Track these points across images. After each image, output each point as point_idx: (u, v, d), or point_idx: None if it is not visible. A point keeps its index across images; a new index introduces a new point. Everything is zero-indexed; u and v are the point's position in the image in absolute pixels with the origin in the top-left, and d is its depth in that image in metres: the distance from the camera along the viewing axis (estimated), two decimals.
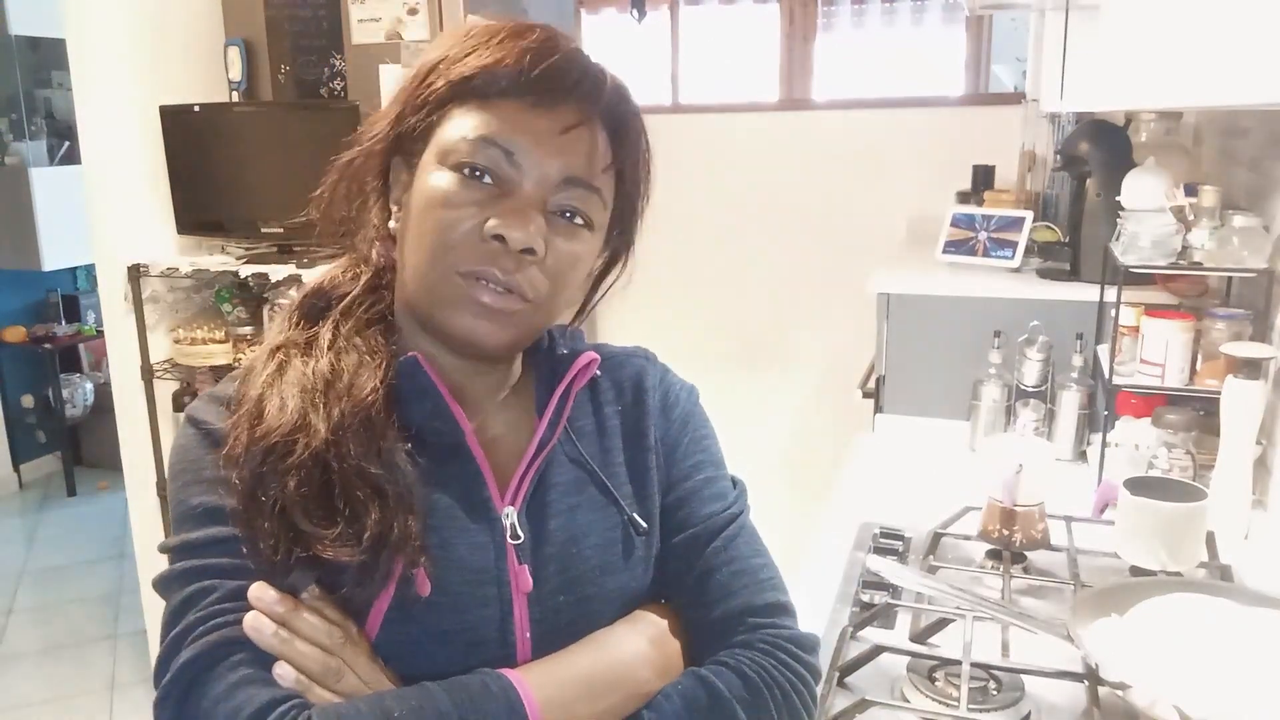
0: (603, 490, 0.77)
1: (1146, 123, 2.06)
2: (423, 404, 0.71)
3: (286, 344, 0.72)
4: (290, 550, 0.64)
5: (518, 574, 0.71)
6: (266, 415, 0.67)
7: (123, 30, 2.35)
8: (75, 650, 3.14)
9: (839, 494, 1.66)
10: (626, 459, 0.79)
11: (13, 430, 4.47)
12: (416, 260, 0.70)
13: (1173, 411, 1.55)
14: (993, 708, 1.01)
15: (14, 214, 4.21)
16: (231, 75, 2.45)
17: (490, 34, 0.71)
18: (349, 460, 0.66)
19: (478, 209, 0.68)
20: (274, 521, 0.65)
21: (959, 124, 2.92)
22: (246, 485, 0.65)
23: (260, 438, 0.66)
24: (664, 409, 0.82)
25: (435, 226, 0.69)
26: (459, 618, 0.69)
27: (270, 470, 0.65)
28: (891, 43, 3.58)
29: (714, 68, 3.65)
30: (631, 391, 0.82)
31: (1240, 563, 1.32)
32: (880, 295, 1.97)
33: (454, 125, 0.70)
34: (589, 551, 0.75)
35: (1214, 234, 1.51)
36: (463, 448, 0.72)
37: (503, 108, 0.69)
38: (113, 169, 2.39)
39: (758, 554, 0.81)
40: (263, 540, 0.65)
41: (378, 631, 0.68)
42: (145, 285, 2.38)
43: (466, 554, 0.70)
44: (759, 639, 0.75)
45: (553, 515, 0.74)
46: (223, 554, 0.67)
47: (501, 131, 0.69)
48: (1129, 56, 1.09)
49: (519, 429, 0.77)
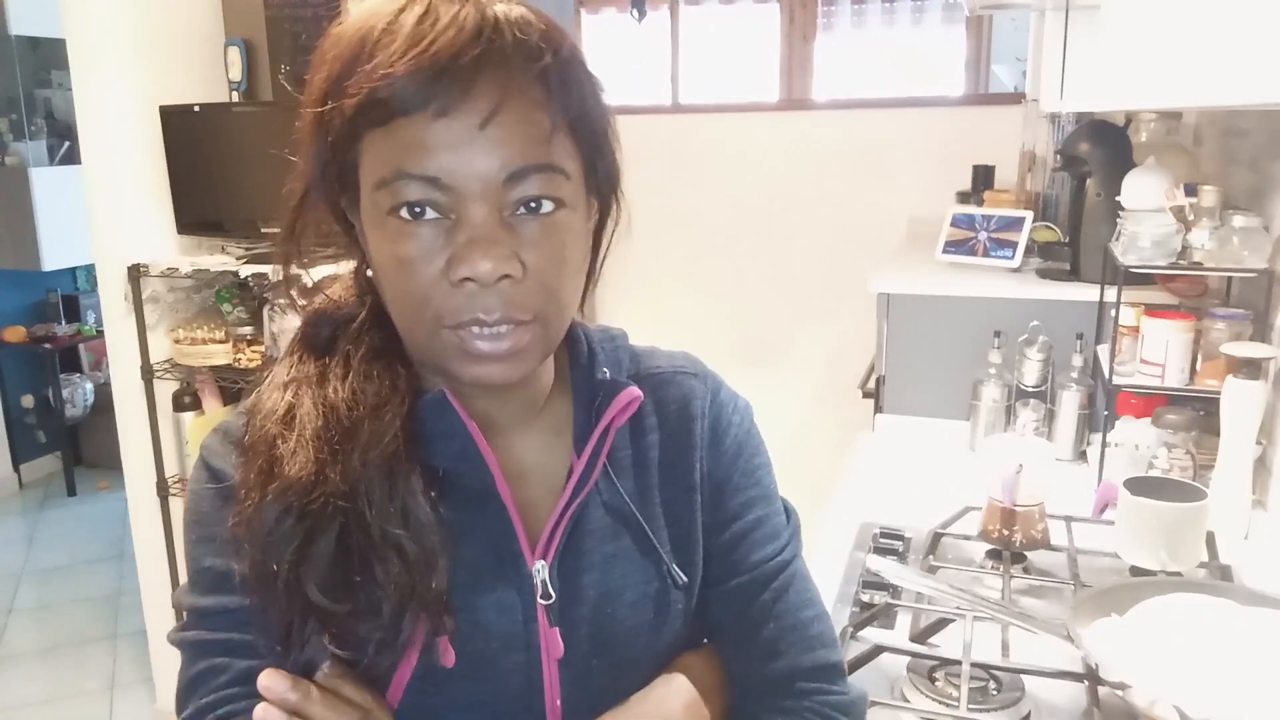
0: (640, 538, 0.70)
1: (1146, 123, 2.06)
2: (450, 444, 0.65)
3: (297, 379, 0.65)
4: (304, 624, 0.61)
5: (548, 637, 0.66)
6: (279, 467, 0.61)
7: (123, 30, 2.35)
8: (75, 650, 3.14)
9: (839, 494, 1.66)
10: (666, 498, 0.71)
11: (13, 430, 4.47)
12: (399, 317, 0.64)
13: (1173, 411, 1.55)
14: (993, 708, 1.01)
15: (14, 214, 4.21)
16: (231, 75, 2.45)
17: (370, 28, 0.59)
18: (368, 517, 0.60)
19: (433, 255, 0.60)
20: (286, 593, 0.60)
21: (959, 124, 2.92)
22: (258, 551, 0.60)
23: (274, 497, 0.60)
24: (713, 440, 0.74)
25: (402, 288, 0.61)
26: (485, 687, 0.65)
27: (284, 535, 0.60)
28: (891, 43, 3.59)
29: (714, 68, 3.65)
30: (676, 418, 0.73)
31: (1240, 563, 1.32)
32: (880, 295, 1.97)
33: (371, 165, 0.61)
34: (624, 611, 0.68)
35: (1214, 234, 1.51)
36: (491, 493, 0.66)
37: (408, 129, 0.58)
38: (113, 169, 2.39)
39: (809, 604, 0.75)
40: (275, 610, 0.61)
41: (400, 700, 0.64)
42: (145, 285, 2.38)
43: (494, 617, 0.65)
44: (806, 706, 0.71)
45: (586, 569, 0.68)
46: (233, 628, 0.64)
47: (413, 161, 0.58)
48: (1129, 56, 1.09)
49: (551, 459, 0.70)
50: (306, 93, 0.63)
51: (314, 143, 0.63)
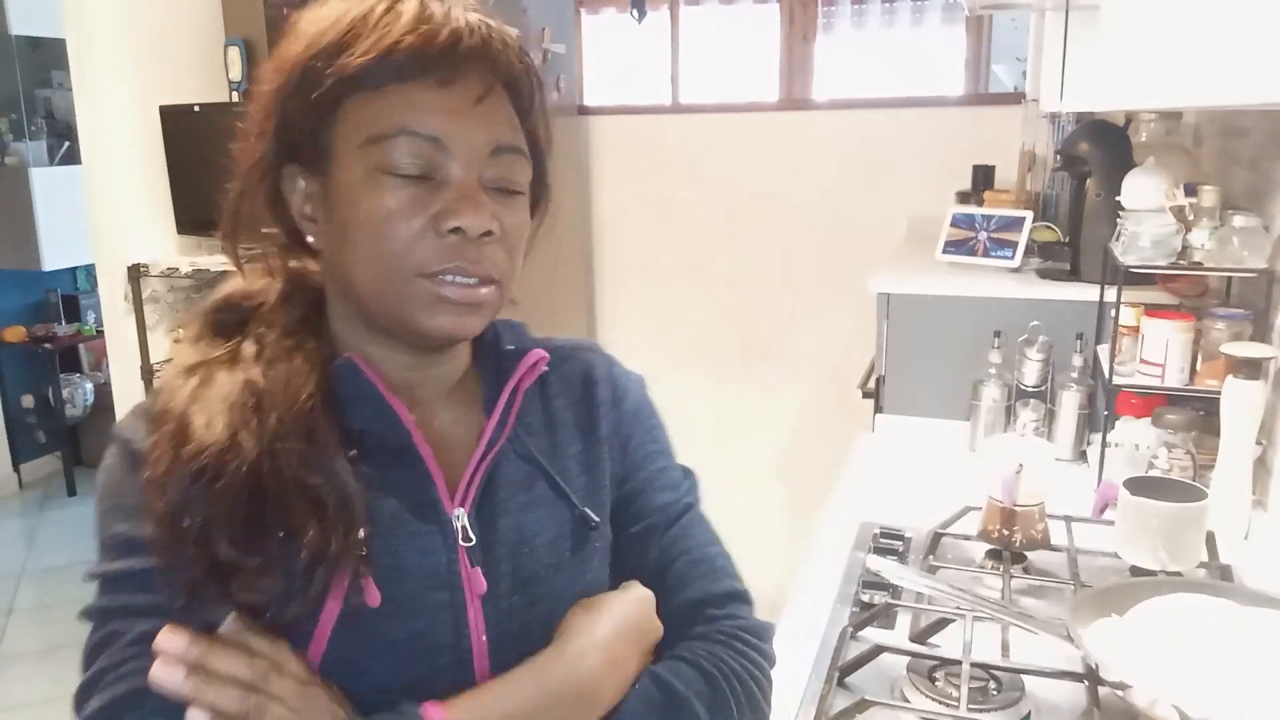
0: (553, 486, 0.75)
1: (1146, 123, 2.06)
2: (364, 407, 0.68)
3: (206, 361, 0.68)
4: (213, 580, 0.61)
5: (470, 576, 0.69)
6: (192, 434, 0.63)
7: (123, 30, 2.35)
8: (75, 650, 3.11)
9: (839, 494, 1.66)
10: (576, 452, 0.77)
11: (13, 430, 4.48)
12: (368, 272, 0.67)
13: (1173, 411, 1.55)
14: (993, 708, 1.01)
15: (14, 214, 4.21)
16: (231, 75, 2.45)
17: (364, 10, 0.65)
18: (285, 474, 0.62)
19: (418, 208, 0.65)
20: (196, 549, 0.61)
21: (959, 124, 2.92)
22: (169, 512, 0.62)
23: (186, 459, 0.62)
24: (614, 401, 0.80)
25: (384, 236, 0.65)
26: (410, 625, 0.67)
27: (197, 495, 0.61)
28: (891, 43, 3.58)
29: (714, 68, 3.65)
30: (581, 385, 0.80)
31: (1240, 563, 1.32)
32: (880, 295, 1.97)
33: (359, 124, 0.65)
34: (541, 550, 0.73)
35: (1214, 234, 1.51)
36: (409, 449, 0.69)
37: (407, 93, 0.65)
38: (113, 169, 2.39)
39: (713, 542, 0.81)
40: (183, 567, 0.61)
41: (325, 647, 0.65)
42: (145, 285, 2.39)
43: (417, 559, 0.68)
44: (716, 630, 0.75)
45: (503, 514, 0.72)
46: (136, 589, 0.64)
47: (418, 121, 0.65)
48: (1129, 56, 1.09)
49: (467, 425, 0.74)
50: (275, 65, 0.68)
51: (279, 111, 0.67)
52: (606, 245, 3.26)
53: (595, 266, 3.28)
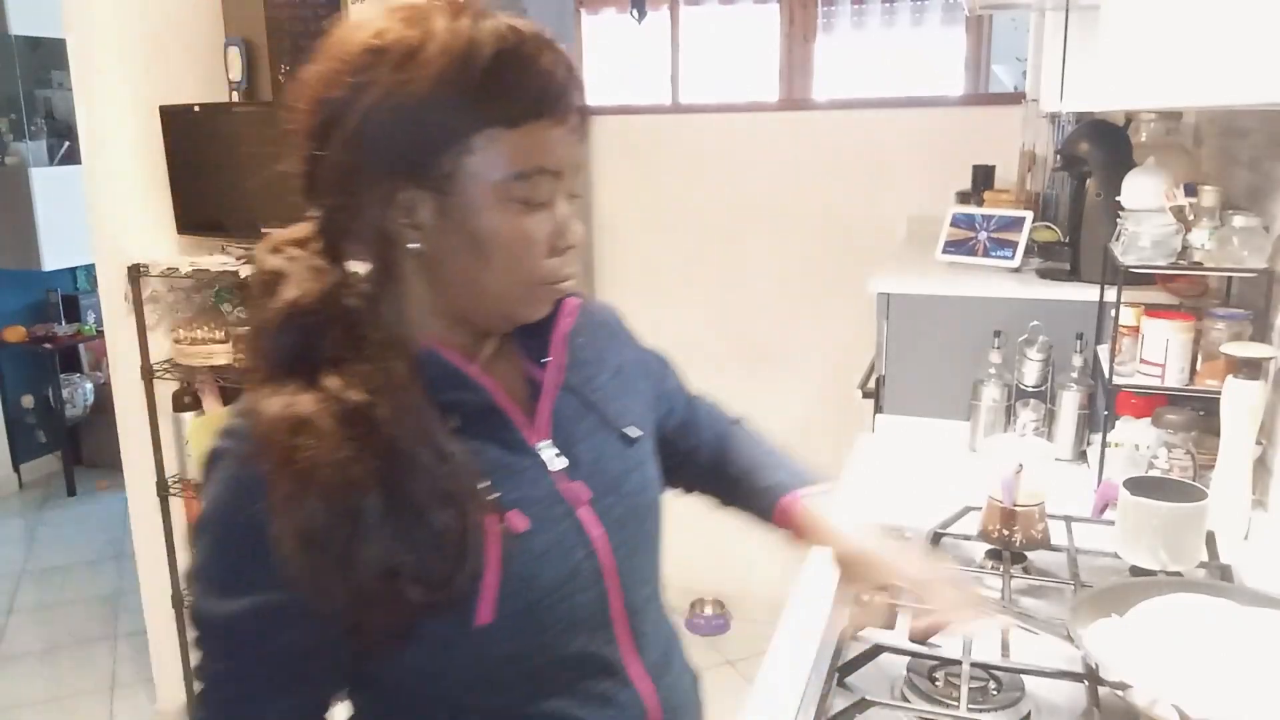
0: (596, 413, 0.88)
1: (1146, 123, 2.06)
2: (449, 382, 0.77)
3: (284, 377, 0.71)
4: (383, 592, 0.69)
5: (574, 489, 0.82)
6: (312, 474, 0.67)
7: (123, 30, 2.35)
8: (75, 650, 3.14)
9: (839, 494, 1.66)
10: (604, 382, 0.90)
11: (13, 430, 4.47)
12: (497, 282, 0.75)
13: (1173, 411, 1.55)
14: (993, 708, 1.01)
15: (14, 214, 4.21)
16: (231, 75, 2.45)
17: (492, 57, 0.70)
18: (414, 473, 0.70)
19: (546, 229, 0.76)
20: (352, 574, 0.68)
21: (959, 124, 2.92)
22: (304, 540, 0.67)
23: (313, 501, 0.66)
24: (614, 336, 0.97)
25: (520, 256, 0.75)
26: (549, 536, 0.78)
27: (331, 529, 0.67)
28: (891, 43, 3.58)
29: (714, 68, 3.65)
30: (589, 325, 0.91)
31: (1240, 563, 1.32)
32: (880, 295, 1.97)
33: (495, 156, 0.72)
34: (612, 460, 0.86)
35: (1214, 234, 1.51)
36: (491, 406, 0.80)
37: (543, 131, 0.73)
38: (113, 169, 2.39)
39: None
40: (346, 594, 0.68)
41: (499, 573, 0.74)
42: (145, 285, 2.38)
43: (529, 489, 0.79)
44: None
45: (575, 441, 0.84)
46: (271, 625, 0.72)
47: (553, 159, 0.74)
48: (1129, 56, 1.09)
49: (514, 374, 0.85)
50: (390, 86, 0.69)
51: (403, 132, 0.70)
52: (606, 245, 3.26)
53: (595, 266, 3.28)
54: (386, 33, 0.71)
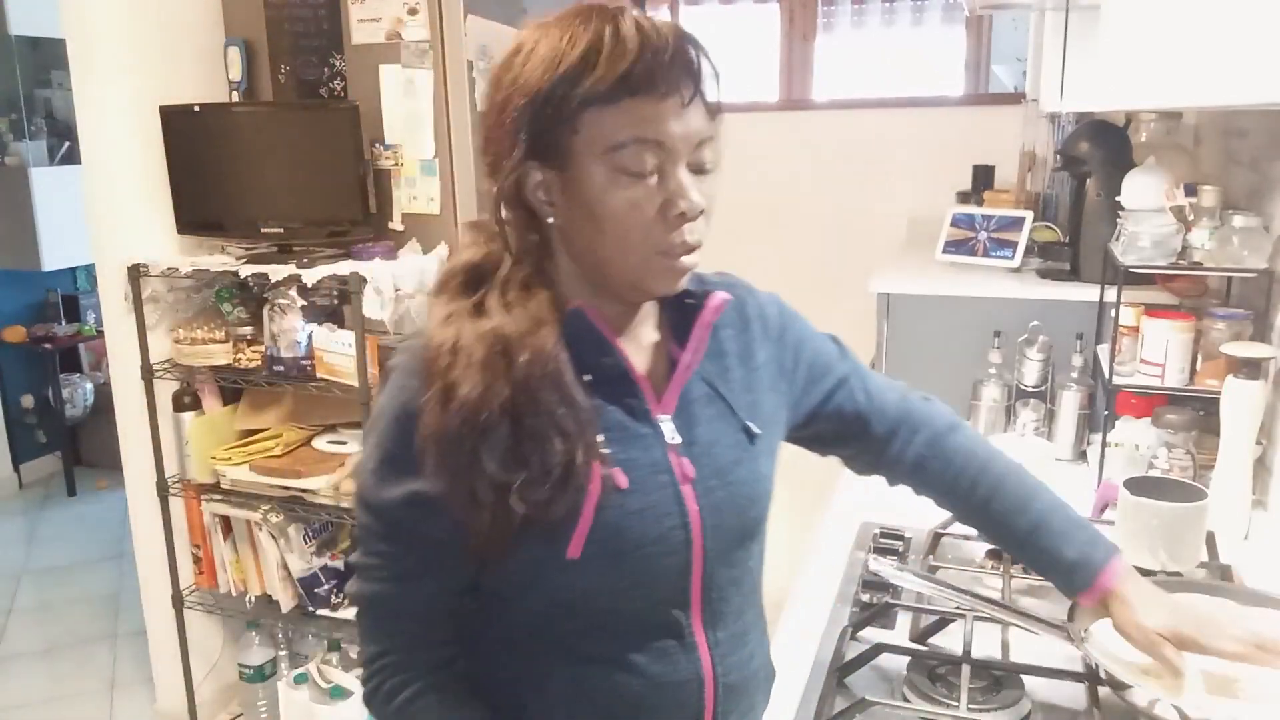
0: (725, 402, 0.92)
1: (1146, 123, 2.06)
2: (590, 344, 0.85)
3: (456, 312, 0.83)
4: (492, 500, 0.79)
5: (680, 464, 0.87)
6: (455, 389, 0.78)
7: (123, 30, 2.35)
8: (75, 650, 3.14)
9: (839, 494, 1.66)
10: (740, 376, 0.95)
11: (13, 430, 4.47)
12: (613, 251, 0.82)
13: (1173, 411, 1.55)
14: (993, 708, 1.01)
15: (14, 214, 4.20)
16: (231, 75, 2.45)
17: (592, 37, 0.78)
18: (539, 409, 0.79)
19: (653, 198, 0.80)
20: (471, 485, 0.78)
21: (959, 124, 2.92)
22: (443, 459, 0.78)
23: (452, 415, 0.78)
24: (765, 332, 0.99)
25: (629, 225, 0.81)
26: (647, 499, 0.85)
27: (463, 440, 0.78)
28: (891, 43, 3.58)
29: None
30: (739, 319, 0.97)
31: (1240, 563, 1.32)
32: (880, 295, 1.97)
33: (599, 133, 0.79)
34: (726, 450, 0.90)
35: (1214, 234, 1.51)
36: (625, 374, 0.86)
37: (638, 106, 0.78)
38: (113, 169, 2.39)
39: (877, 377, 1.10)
40: (465, 493, 0.79)
41: (591, 522, 0.81)
42: (145, 285, 2.38)
43: (641, 454, 0.86)
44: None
45: (696, 423, 0.89)
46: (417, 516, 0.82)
47: (652, 131, 0.79)
48: (1129, 56, 1.09)
49: (658, 352, 0.92)
50: (519, 88, 0.81)
51: (525, 122, 0.80)
52: None
53: None
54: (524, 40, 0.82)
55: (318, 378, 2.25)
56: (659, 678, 0.88)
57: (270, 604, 2.49)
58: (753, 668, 0.95)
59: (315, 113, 2.36)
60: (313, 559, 2.44)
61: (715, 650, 0.90)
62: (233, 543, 2.49)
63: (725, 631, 0.91)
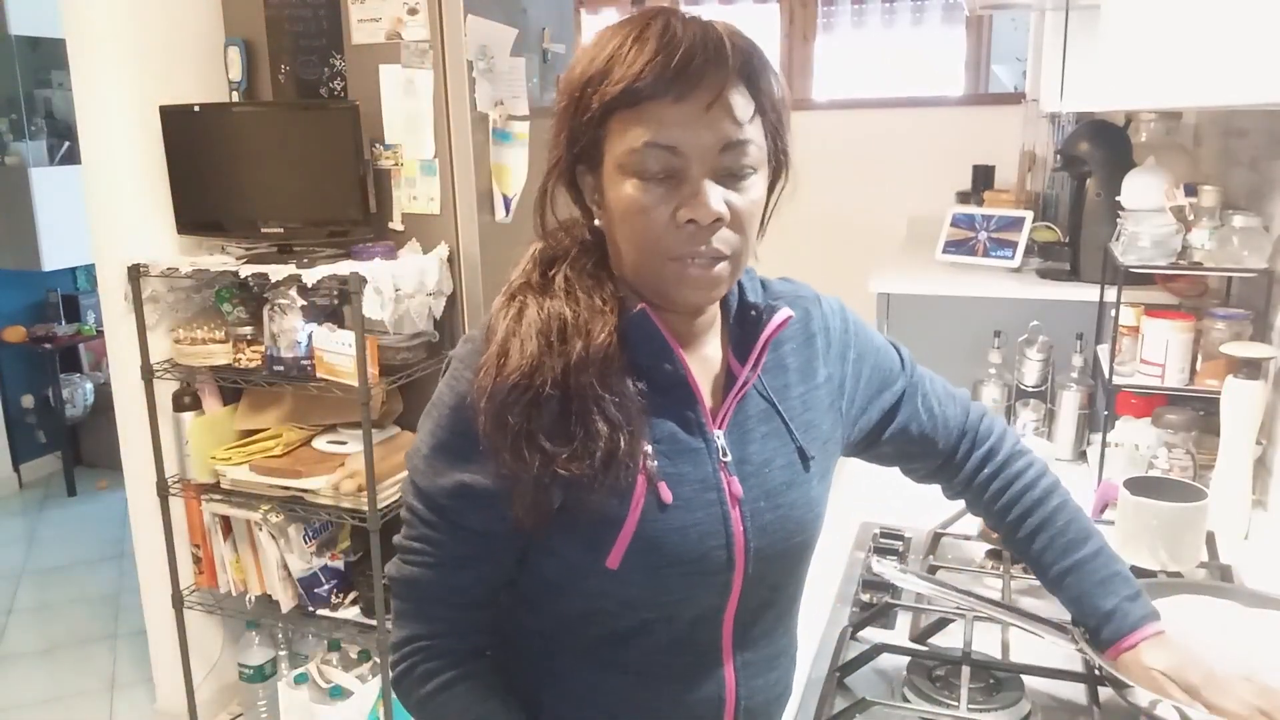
0: (780, 420, 0.91)
1: (1146, 123, 2.06)
2: (651, 347, 0.85)
3: (526, 286, 0.85)
4: (537, 467, 0.79)
5: (730, 483, 0.86)
6: (510, 358, 0.80)
7: (123, 30, 2.35)
8: (75, 650, 3.14)
9: (839, 494, 1.66)
10: (800, 394, 0.93)
11: (13, 430, 4.47)
12: (630, 255, 0.83)
13: (1173, 411, 1.55)
14: (993, 708, 1.01)
15: (14, 214, 4.20)
16: (231, 75, 2.45)
17: (621, 41, 0.79)
18: (586, 392, 0.80)
19: (664, 204, 0.79)
20: (518, 444, 0.79)
21: (959, 124, 2.93)
22: (495, 414, 0.79)
23: (507, 377, 0.80)
24: (828, 348, 0.97)
25: (637, 229, 0.81)
26: (692, 516, 0.84)
27: (514, 403, 0.79)
28: (891, 43, 3.58)
29: None
30: (803, 333, 0.96)
31: (1240, 563, 1.32)
32: (880, 295, 1.97)
33: (619, 137, 0.80)
34: (778, 470, 0.89)
35: (1214, 234, 1.51)
36: (683, 384, 0.86)
37: (653, 110, 0.78)
38: (113, 169, 2.39)
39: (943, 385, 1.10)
40: (513, 461, 0.79)
41: (633, 535, 0.81)
42: (145, 285, 2.38)
43: (690, 469, 0.85)
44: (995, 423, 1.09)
45: (750, 441, 0.88)
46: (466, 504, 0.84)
47: (660, 134, 0.78)
48: (1129, 56, 1.09)
49: (716, 362, 0.91)
50: (562, 86, 0.84)
51: (569, 124, 0.83)
52: None
53: None
54: (582, 44, 0.85)
55: (318, 378, 2.25)
56: (679, 694, 0.88)
57: (270, 604, 2.49)
58: (776, 692, 0.95)
59: (315, 113, 2.36)
60: (313, 559, 2.44)
61: (741, 672, 0.90)
62: (233, 543, 2.49)
63: (755, 654, 0.91)
